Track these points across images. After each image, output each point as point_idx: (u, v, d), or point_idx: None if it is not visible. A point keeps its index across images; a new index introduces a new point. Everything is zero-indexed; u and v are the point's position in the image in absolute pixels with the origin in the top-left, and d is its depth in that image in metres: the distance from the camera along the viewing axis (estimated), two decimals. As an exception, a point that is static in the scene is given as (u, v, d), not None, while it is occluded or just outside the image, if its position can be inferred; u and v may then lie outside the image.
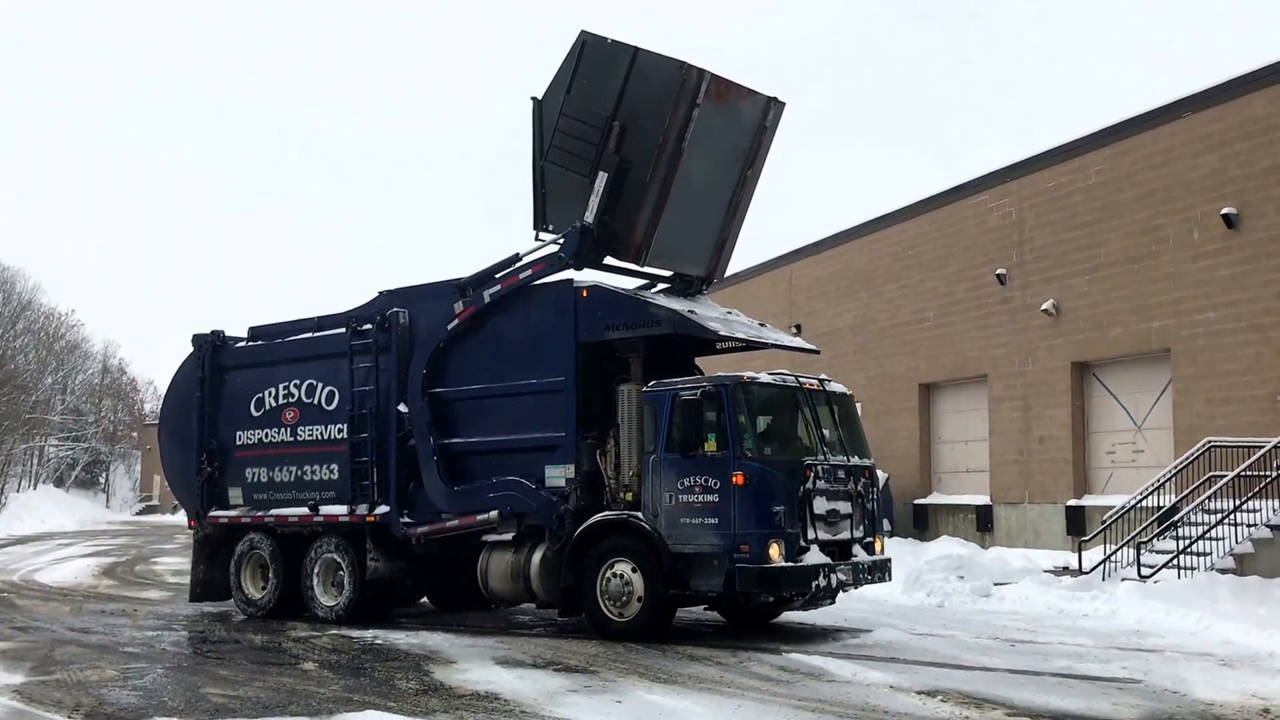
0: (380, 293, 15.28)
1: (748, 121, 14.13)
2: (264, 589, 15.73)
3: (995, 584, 16.88)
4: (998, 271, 24.52)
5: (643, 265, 13.87)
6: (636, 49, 13.54)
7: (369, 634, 13.44)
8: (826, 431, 13.03)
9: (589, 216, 13.40)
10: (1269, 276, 18.92)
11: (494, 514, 13.62)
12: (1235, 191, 19.52)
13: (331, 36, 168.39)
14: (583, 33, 13.95)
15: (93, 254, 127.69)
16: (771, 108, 14.25)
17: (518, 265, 13.98)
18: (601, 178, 13.41)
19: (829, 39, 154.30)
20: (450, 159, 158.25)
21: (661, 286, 14.76)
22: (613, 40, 13.76)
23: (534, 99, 14.23)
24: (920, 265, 27.15)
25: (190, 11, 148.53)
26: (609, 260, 14.04)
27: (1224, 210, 19.50)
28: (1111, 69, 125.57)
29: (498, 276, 14.11)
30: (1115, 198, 21.90)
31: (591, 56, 13.81)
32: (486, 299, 14.07)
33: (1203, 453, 18.22)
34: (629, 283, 14.63)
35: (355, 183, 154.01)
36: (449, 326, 14.30)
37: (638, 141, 13.36)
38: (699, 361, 15.19)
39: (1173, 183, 20.71)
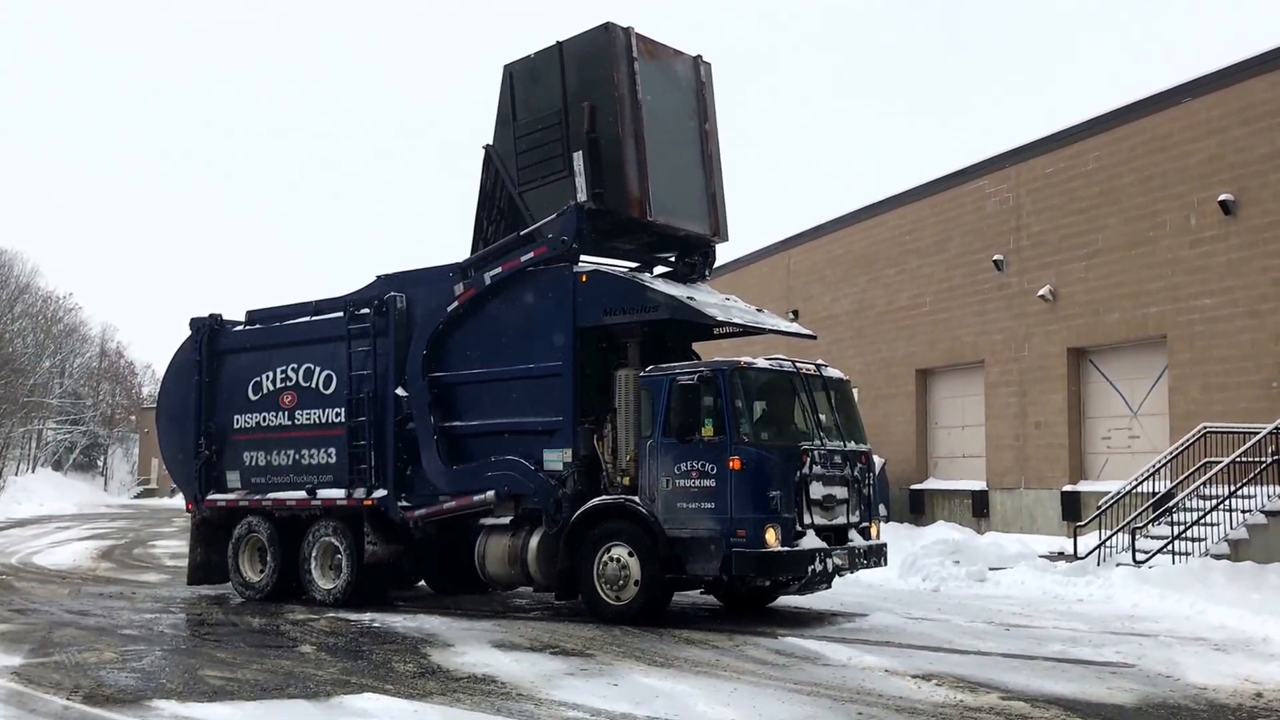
0: (378, 277, 15.29)
1: (684, 80, 14.45)
2: (262, 572, 15.77)
3: (990, 569, 16.93)
4: (995, 257, 24.54)
5: (649, 218, 13.69)
6: (559, 42, 13.92)
7: (366, 617, 13.49)
8: (823, 416, 13.06)
9: (580, 196, 13.45)
10: (1266, 263, 18.94)
11: (490, 494, 13.64)
12: (1233, 178, 19.53)
13: (328, 21, 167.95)
14: (505, 66, 14.44)
15: (91, 237, 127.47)
16: (700, 65, 14.57)
17: (519, 249, 13.95)
18: (578, 157, 13.51)
19: (823, 18, 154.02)
20: (451, 145, 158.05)
21: (660, 270, 14.75)
22: (534, 52, 14.21)
23: (486, 147, 14.58)
24: (918, 251, 27.16)
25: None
26: (612, 244, 14.02)
27: (1222, 196, 19.51)
28: (1111, 55, 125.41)
29: (499, 259, 14.10)
30: (1113, 184, 21.90)
31: (521, 79, 14.29)
32: (487, 281, 14.04)
33: (1198, 439, 18.26)
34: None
35: (355, 168, 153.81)
36: (449, 308, 14.29)
37: (598, 112, 13.52)
38: (696, 347, 15.20)
39: (1171, 169, 20.71)
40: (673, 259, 14.83)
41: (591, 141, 13.42)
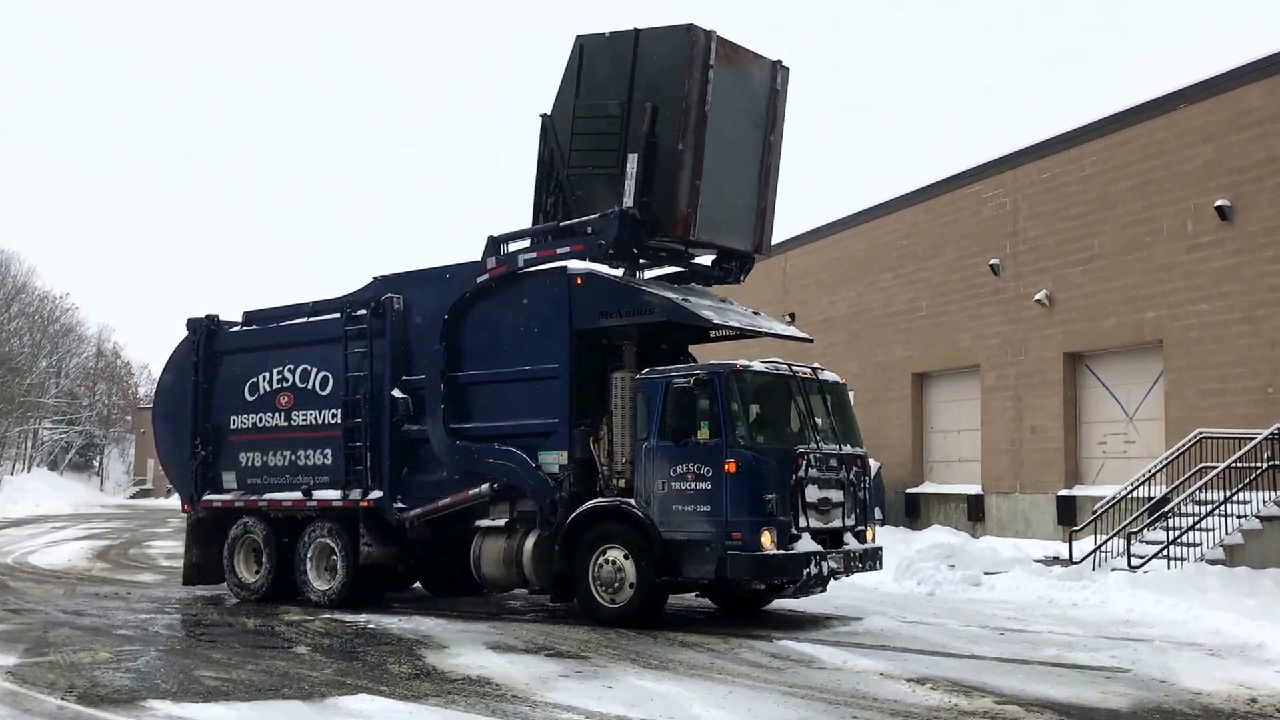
0: (375, 278, 15.30)
1: (759, 86, 13.95)
2: (257, 573, 15.77)
3: (986, 573, 16.95)
4: (991, 261, 24.56)
5: (691, 237, 13.45)
6: (637, 30, 13.41)
7: (361, 618, 13.49)
8: (819, 420, 13.08)
9: (627, 201, 13.15)
10: (1262, 269, 18.96)
11: (485, 487, 13.63)
12: (1229, 184, 19.55)
13: (326, 22, 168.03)
14: (579, 37, 13.85)
15: (88, 238, 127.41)
16: (778, 71, 14.07)
17: (557, 240, 13.75)
18: (633, 160, 13.16)
19: (818, 15, 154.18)
20: (449, 145, 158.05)
21: (655, 272, 14.69)
22: (610, 32, 13.62)
23: (543, 116, 14.04)
24: (914, 255, 27.18)
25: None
26: (650, 244, 13.77)
27: (1218, 202, 19.54)
28: (1107, 60, 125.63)
29: (534, 245, 13.87)
30: (1109, 189, 21.93)
31: (592, 56, 13.68)
32: (520, 263, 13.84)
33: (1193, 444, 18.27)
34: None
35: (353, 168, 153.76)
36: (479, 279, 14.07)
37: (661, 114, 13.12)
38: (693, 350, 15.21)
39: (1167, 174, 20.74)
40: (709, 262, 14.69)
41: (649, 146, 13.13)
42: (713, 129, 13.19)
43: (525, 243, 14.03)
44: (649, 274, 14.50)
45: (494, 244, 14.15)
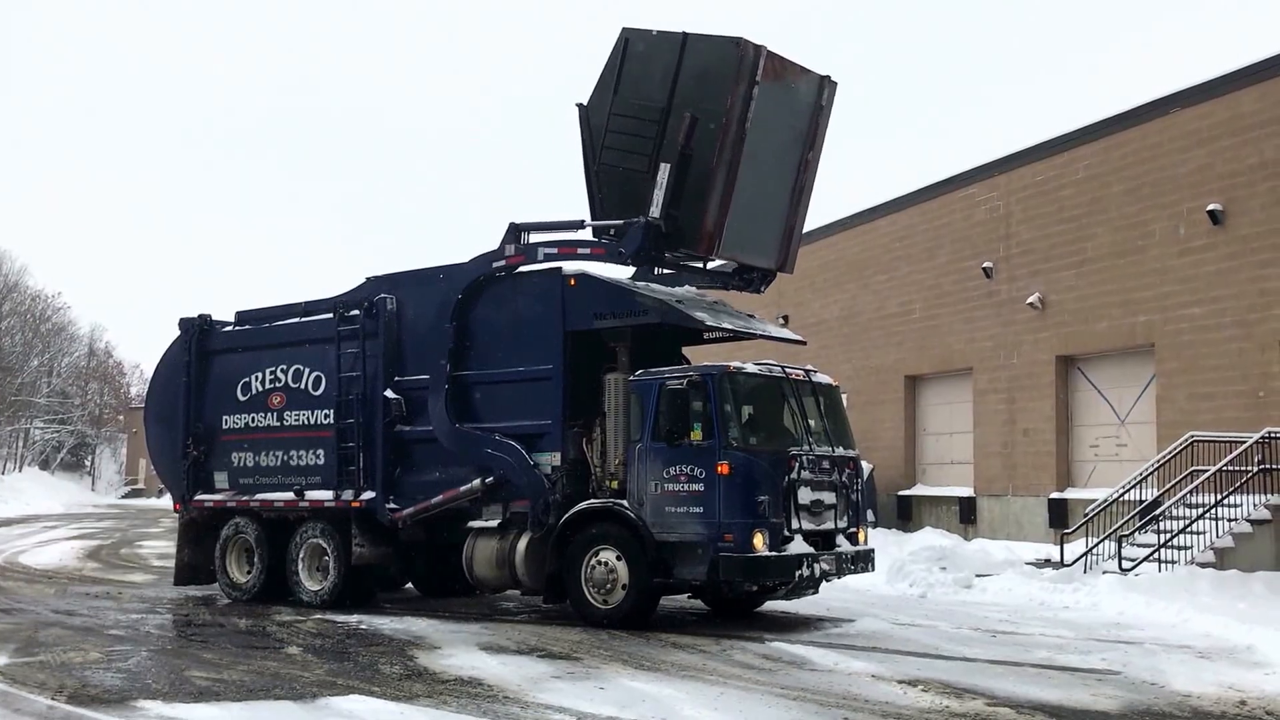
0: (368, 278, 15.29)
1: (804, 101, 13.58)
2: (249, 573, 15.74)
3: (977, 575, 16.98)
4: (984, 264, 24.61)
5: (714, 255, 13.27)
6: (685, 34, 13.00)
7: (353, 619, 13.47)
8: (812, 422, 13.09)
9: (654, 211, 12.87)
10: (1254, 273, 19.02)
11: (477, 483, 13.60)
12: (1222, 188, 19.61)
13: (319, 23, 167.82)
14: (624, 29, 13.48)
15: (80, 236, 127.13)
16: (825, 86, 13.68)
17: (577, 239, 13.62)
18: (664, 169, 12.85)
19: (816, 14, 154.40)
20: (445, 144, 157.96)
21: (715, 266, 14.45)
22: (657, 31, 13.26)
23: (579, 105, 13.73)
24: (907, 257, 27.22)
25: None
26: (671, 256, 13.56)
27: (1210, 206, 19.59)
28: (1101, 64, 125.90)
29: (555, 240, 13.74)
30: (1103, 192, 21.99)
31: (636, 52, 13.34)
32: (540, 257, 13.72)
33: (1185, 447, 18.32)
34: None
35: (349, 167, 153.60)
36: (495, 265, 13.98)
37: (698, 126, 12.78)
38: (686, 351, 15.21)
39: (1160, 178, 20.80)
40: (730, 269, 14.48)
41: (683, 158, 12.76)
42: (750, 146, 12.82)
43: (546, 235, 13.79)
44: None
45: (515, 231, 13.93)
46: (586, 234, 13.71)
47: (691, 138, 12.75)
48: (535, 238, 13.86)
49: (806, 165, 13.87)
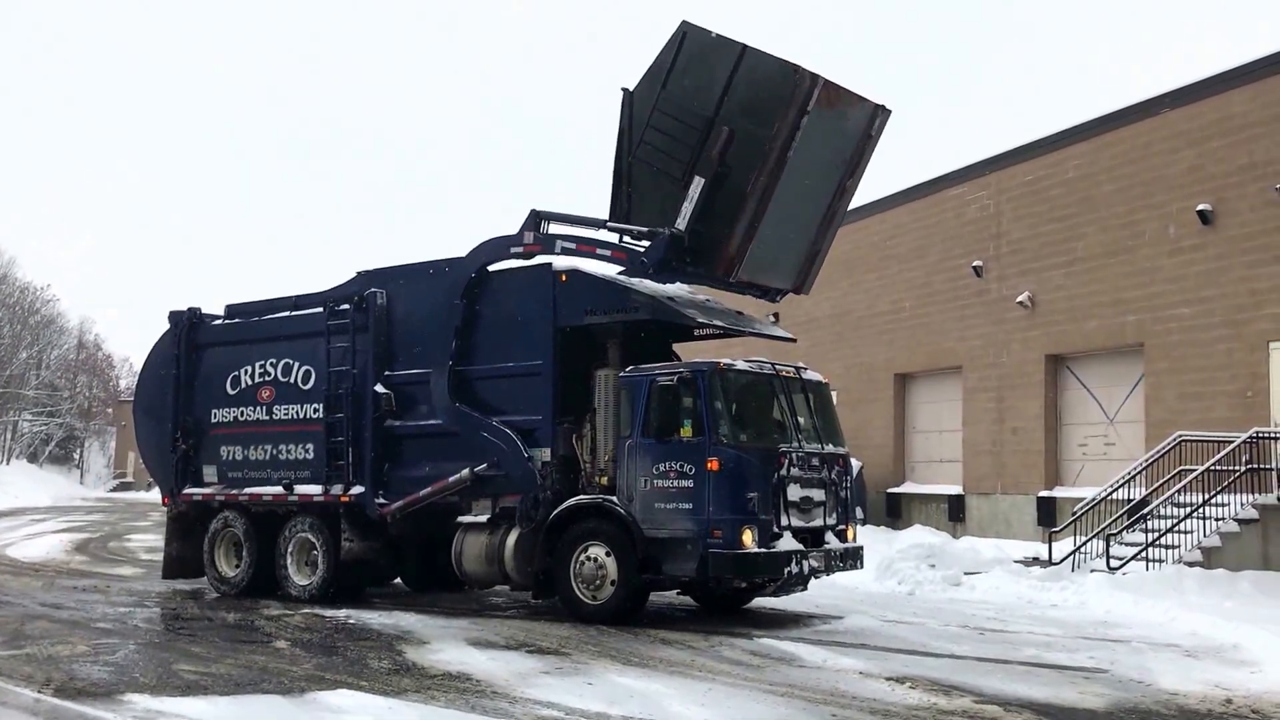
0: (359, 273, 15.26)
1: (853, 129, 13.27)
2: (237, 567, 15.71)
3: (966, 573, 17.00)
4: (975, 263, 24.65)
5: (733, 279, 13.11)
6: (744, 46, 12.65)
7: (342, 613, 13.46)
8: (802, 419, 13.10)
9: (681, 223, 12.71)
10: (1243, 273, 19.08)
11: (465, 472, 13.57)
12: (1212, 188, 19.67)
13: (320, 23, 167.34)
14: (683, 23, 13.16)
15: (70, 229, 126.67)
16: (879, 115, 13.37)
17: (598, 239, 13.46)
18: (698, 183, 12.64)
19: (819, 19, 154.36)
20: (439, 143, 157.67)
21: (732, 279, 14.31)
22: (717, 34, 12.90)
23: (625, 90, 13.49)
24: (898, 256, 27.26)
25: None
26: (687, 270, 13.32)
27: (1200, 206, 19.65)
28: (1093, 64, 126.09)
29: (574, 235, 13.58)
30: (1093, 192, 22.04)
31: (692, 50, 13.01)
32: (558, 250, 13.56)
33: (1173, 447, 18.37)
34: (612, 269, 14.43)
35: (343, 165, 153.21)
36: (512, 250, 13.75)
37: (739, 146, 12.52)
38: (677, 348, 15.21)
39: (1150, 178, 20.85)
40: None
41: (717, 176, 12.56)
42: (788, 175, 12.56)
43: (565, 228, 13.60)
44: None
45: (535, 218, 13.71)
46: (606, 234, 13.53)
47: (725, 154, 12.54)
48: (555, 228, 13.69)
49: (843, 192, 13.65)
